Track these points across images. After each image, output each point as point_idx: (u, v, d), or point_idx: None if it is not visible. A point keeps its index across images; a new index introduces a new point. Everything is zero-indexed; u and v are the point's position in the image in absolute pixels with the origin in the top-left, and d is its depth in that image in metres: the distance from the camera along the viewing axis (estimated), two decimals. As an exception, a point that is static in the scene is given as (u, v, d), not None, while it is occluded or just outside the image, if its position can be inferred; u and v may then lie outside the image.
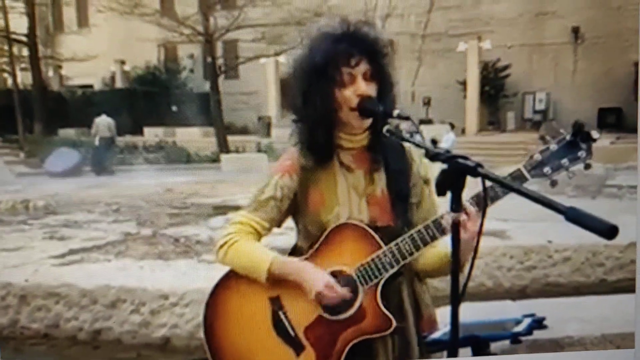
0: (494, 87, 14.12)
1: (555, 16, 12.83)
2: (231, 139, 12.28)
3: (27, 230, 7.23)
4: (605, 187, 8.49)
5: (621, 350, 3.62)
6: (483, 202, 1.72)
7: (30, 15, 11.94)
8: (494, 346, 2.53)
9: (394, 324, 2.02)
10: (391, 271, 2.00)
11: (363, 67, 2.01)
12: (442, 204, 1.95)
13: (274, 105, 13.65)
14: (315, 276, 2.01)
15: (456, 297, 1.67)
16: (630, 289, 5.30)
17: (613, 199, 7.92)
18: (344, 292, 2.00)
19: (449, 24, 13.60)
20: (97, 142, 11.23)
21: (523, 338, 2.65)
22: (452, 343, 1.75)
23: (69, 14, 13.87)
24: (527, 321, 2.60)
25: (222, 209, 7.89)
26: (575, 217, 1.39)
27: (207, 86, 12.79)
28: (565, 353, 3.76)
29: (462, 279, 1.71)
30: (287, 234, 2.37)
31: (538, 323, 2.62)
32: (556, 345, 3.88)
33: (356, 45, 2.01)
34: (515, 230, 5.97)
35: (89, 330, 4.85)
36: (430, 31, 13.45)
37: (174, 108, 12.98)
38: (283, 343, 2.08)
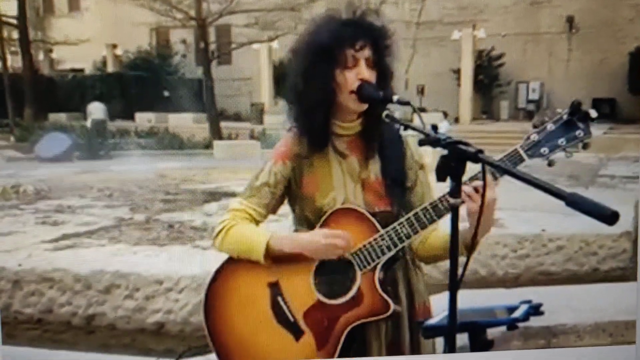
0: (488, 76, 14.15)
1: (550, 5, 12.85)
2: (224, 125, 12.26)
3: (19, 215, 7.19)
4: (598, 177, 8.53)
5: (622, 347, 3.64)
6: (482, 188, 1.72)
7: (20, -3, 11.83)
8: (490, 332, 2.52)
9: (392, 306, 2.02)
10: (388, 254, 2.00)
11: (367, 52, 2.01)
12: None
13: (267, 92, 13.63)
14: (313, 237, 2.02)
15: (454, 283, 1.66)
16: (623, 278, 5.36)
17: (606, 188, 7.94)
18: (347, 235, 2.00)
19: (444, 11, 13.61)
20: (89, 125, 11.19)
21: (519, 324, 2.65)
22: (450, 329, 1.75)
23: (60, -4, 13.81)
24: (524, 307, 2.60)
25: (215, 195, 7.90)
26: (576, 202, 1.39)
27: (199, 72, 12.75)
28: (565, 349, 3.78)
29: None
30: (280, 220, 2.37)
31: (535, 309, 2.62)
32: (549, 332, 3.90)
33: (362, 31, 2.01)
34: (509, 218, 5.98)
35: (83, 316, 4.84)
36: (425, 19, 13.45)
37: (166, 93, 12.94)
38: (282, 328, 2.09)
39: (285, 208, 2.22)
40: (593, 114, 1.87)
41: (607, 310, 4.01)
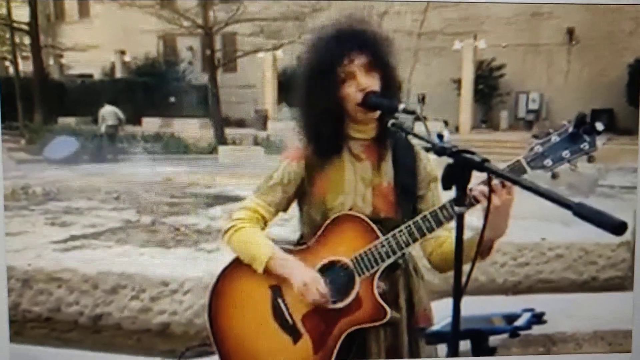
0: (488, 86, 14.13)
1: (550, 17, 12.84)
2: (228, 131, 12.28)
3: (28, 215, 7.25)
4: (597, 187, 8.56)
5: (617, 355, 3.71)
6: (488, 196, 1.76)
7: (32, 4, 11.87)
8: (490, 338, 2.58)
9: (389, 313, 2.08)
10: (387, 261, 2.06)
11: (360, 60, 2.06)
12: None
13: (270, 99, 13.64)
14: (301, 273, 2.09)
15: (459, 290, 1.72)
16: (622, 287, 5.43)
17: (605, 198, 7.98)
18: (325, 291, 2.06)
19: (445, 22, 13.59)
20: (103, 130, 11.23)
21: (521, 332, 2.71)
22: (454, 336, 1.78)
23: (70, 3, 13.80)
24: (526, 315, 2.65)
25: (219, 199, 7.95)
26: (582, 212, 1.38)
27: (205, 78, 12.77)
28: (564, 356, 3.85)
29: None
30: (284, 225, 2.44)
31: (537, 318, 2.67)
32: (549, 340, 3.97)
33: (348, 42, 2.07)
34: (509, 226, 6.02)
35: (90, 315, 4.92)
36: (426, 29, 13.43)
37: (172, 99, 12.95)
38: (281, 330, 2.15)
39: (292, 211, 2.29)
40: (599, 127, 1.84)
41: (606, 318, 4.09)
